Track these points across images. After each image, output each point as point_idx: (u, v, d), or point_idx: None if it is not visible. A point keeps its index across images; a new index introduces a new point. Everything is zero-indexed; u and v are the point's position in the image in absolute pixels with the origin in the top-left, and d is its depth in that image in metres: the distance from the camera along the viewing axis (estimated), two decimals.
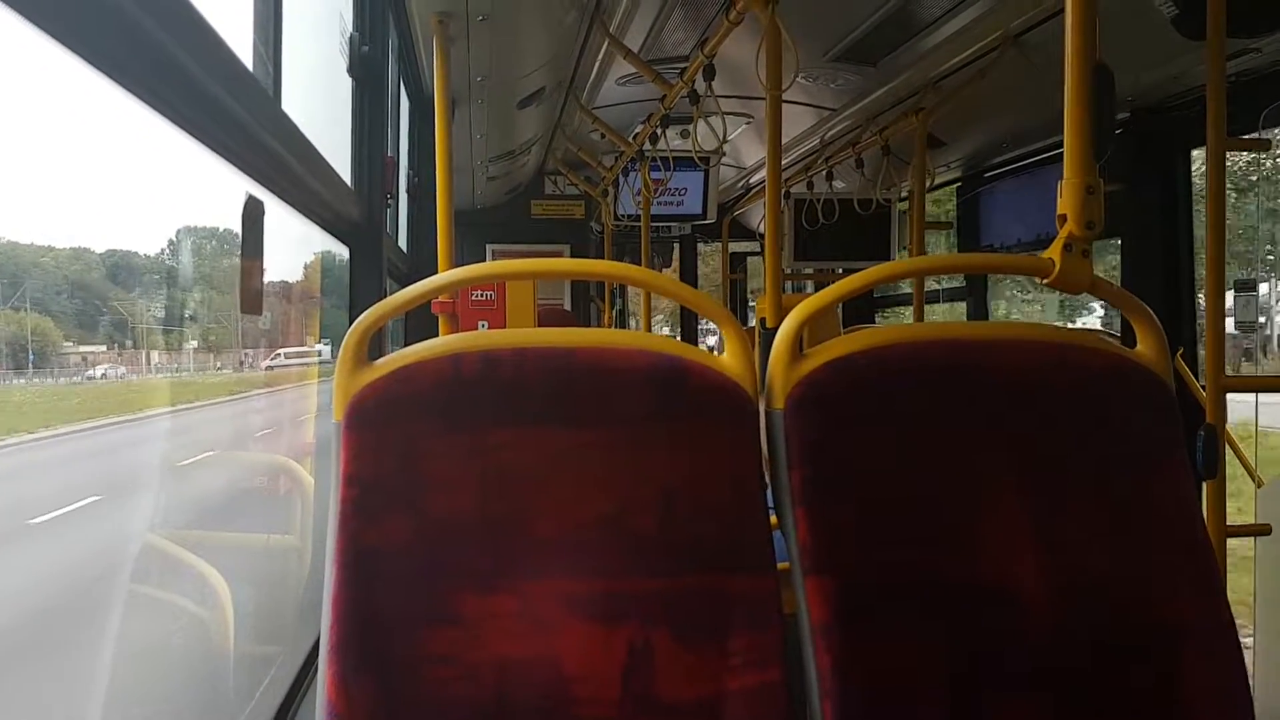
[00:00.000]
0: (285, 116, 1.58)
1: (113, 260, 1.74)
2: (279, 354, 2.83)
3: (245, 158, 1.42)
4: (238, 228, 1.45)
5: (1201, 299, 3.34)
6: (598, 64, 3.93)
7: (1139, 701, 1.30)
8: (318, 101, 2.44)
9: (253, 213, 1.49)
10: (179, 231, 1.84)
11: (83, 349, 1.70)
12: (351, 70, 2.55)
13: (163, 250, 1.85)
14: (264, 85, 1.55)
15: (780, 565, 1.31)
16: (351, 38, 2.55)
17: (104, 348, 1.75)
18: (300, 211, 1.89)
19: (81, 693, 1.42)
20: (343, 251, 2.49)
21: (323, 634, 1.24)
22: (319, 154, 1.80)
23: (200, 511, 2.14)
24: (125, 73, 0.98)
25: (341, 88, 2.56)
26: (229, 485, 2.49)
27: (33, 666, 1.39)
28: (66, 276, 1.62)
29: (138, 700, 1.62)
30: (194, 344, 2.13)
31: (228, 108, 1.23)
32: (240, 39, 1.52)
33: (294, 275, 2.84)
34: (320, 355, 2.99)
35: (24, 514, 1.59)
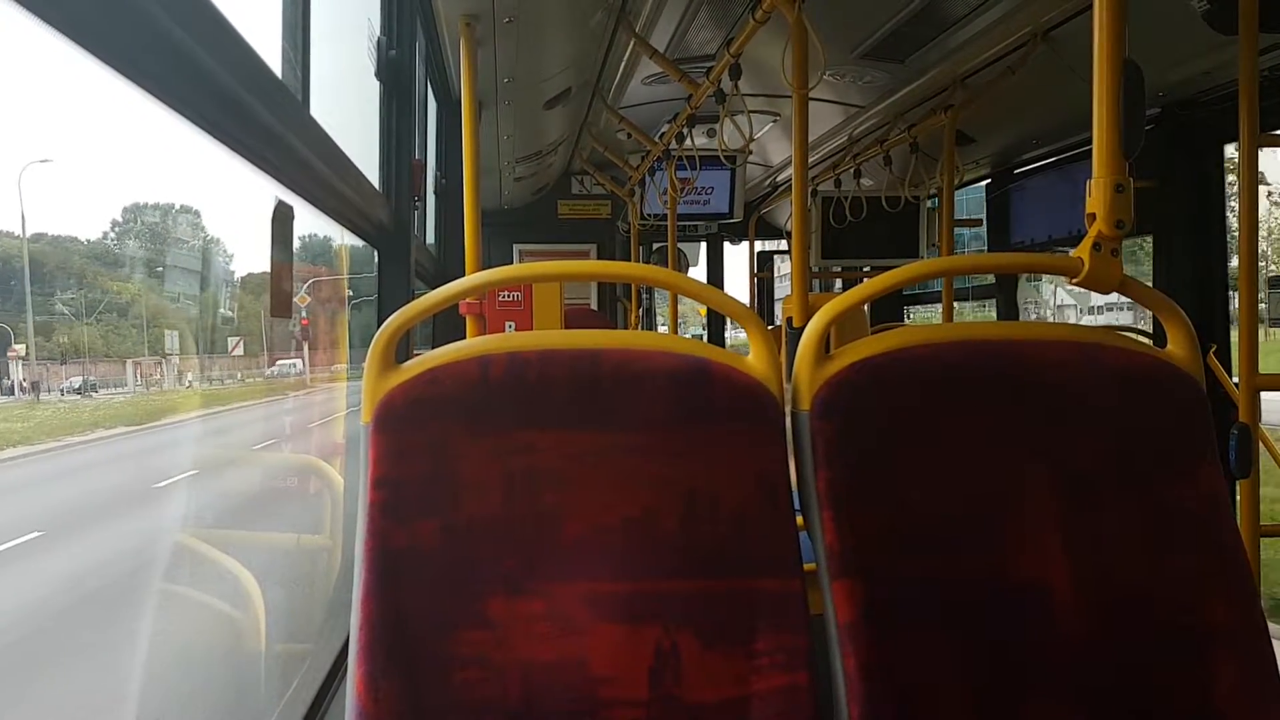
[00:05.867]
0: (314, 122, 1.60)
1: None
2: None
3: (274, 163, 1.43)
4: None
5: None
6: (624, 64, 3.94)
7: (1169, 705, 1.29)
8: (346, 104, 2.45)
9: (282, 217, 1.51)
10: None
11: None
12: (379, 74, 2.57)
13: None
14: (293, 90, 1.57)
15: (807, 567, 1.31)
16: (379, 41, 2.57)
17: None
18: (329, 215, 1.91)
19: None
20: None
21: (352, 635, 1.25)
22: (347, 158, 1.82)
23: None
24: (157, 81, 0.99)
25: (369, 90, 2.58)
26: None
27: None
28: None
29: None
30: None
31: (257, 115, 1.24)
32: (269, 45, 1.54)
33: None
34: None
35: None
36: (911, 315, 6.35)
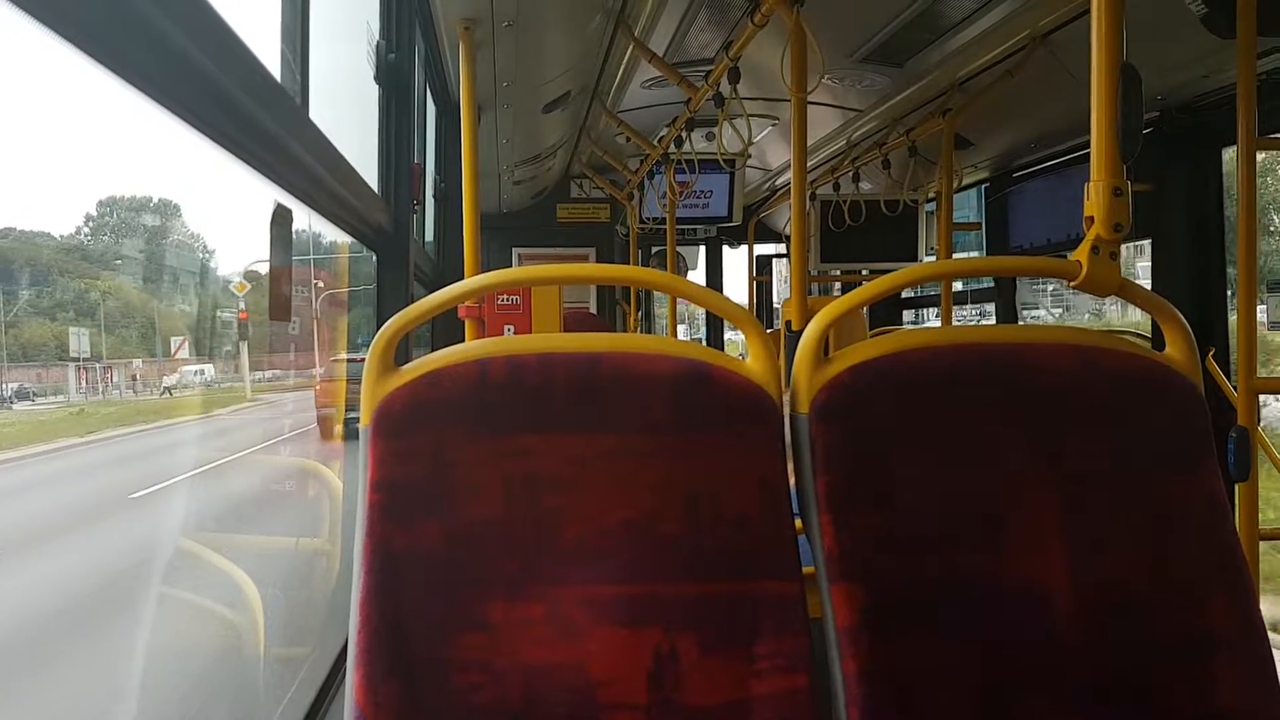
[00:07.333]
0: (313, 126, 1.60)
1: None
2: None
3: (274, 167, 1.43)
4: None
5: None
6: (623, 68, 3.94)
7: (1167, 707, 1.29)
8: (345, 108, 2.46)
9: (281, 220, 1.51)
10: None
11: None
12: (378, 78, 2.57)
13: None
14: (291, 94, 1.57)
15: (806, 570, 1.31)
16: (378, 45, 2.57)
17: None
18: (328, 219, 1.91)
19: None
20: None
21: (350, 638, 1.25)
22: (346, 162, 1.82)
23: None
24: (156, 84, 0.99)
25: (368, 94, 2.58)
26: None
27: None
28: None
29: None
30: None
31: (256, 118, 1.24)
32: (268, 48, 1.54)
33: None
34: None
35: None
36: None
